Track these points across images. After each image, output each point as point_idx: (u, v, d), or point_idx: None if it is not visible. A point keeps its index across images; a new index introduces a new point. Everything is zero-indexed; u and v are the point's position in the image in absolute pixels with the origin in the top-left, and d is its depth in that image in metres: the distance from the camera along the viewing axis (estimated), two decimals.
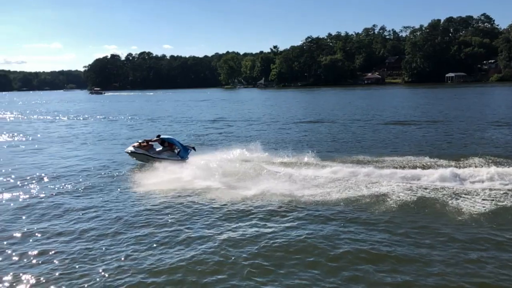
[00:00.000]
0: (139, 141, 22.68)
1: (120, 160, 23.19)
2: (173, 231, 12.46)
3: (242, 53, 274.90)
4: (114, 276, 9.74)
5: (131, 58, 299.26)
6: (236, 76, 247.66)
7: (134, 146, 22.17)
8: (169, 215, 13.91)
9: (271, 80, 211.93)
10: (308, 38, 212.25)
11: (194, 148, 22.69)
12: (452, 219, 12.69)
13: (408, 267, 9.80)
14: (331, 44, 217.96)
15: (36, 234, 12.58)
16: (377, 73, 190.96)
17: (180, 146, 22.10)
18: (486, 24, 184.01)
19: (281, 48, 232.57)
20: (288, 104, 77.86)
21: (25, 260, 10.81)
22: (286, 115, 51.28)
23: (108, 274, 9.83)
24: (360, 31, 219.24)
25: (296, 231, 12.12)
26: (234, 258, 10.50)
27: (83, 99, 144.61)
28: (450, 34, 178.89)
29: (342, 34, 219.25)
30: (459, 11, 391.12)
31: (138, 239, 11.90)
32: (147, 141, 22.24)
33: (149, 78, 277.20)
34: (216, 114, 56.98)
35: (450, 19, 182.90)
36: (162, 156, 21.61)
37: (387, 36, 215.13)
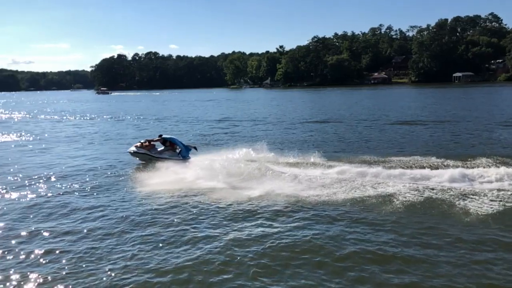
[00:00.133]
0: (141, 141, 22.82)
1: (127, 160, 23.27)
2: (179, 230, 12.48)
3: (248, 53, 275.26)
4: (121, 276, 9.78)
5: (137, 58, 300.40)
6: (242, 76, 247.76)
7: (136, 146, 22.34)
8: (174, 214, 13.93)
9: (277, 80, 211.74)
10: (314, 37, 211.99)
11: (195, 147, 22.78)
12: (459, 220, 12.59)
13: (415, 268, 9.73)
14: (337, 44, 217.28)
15: (43, 233, 12.66)
16: (383, 73, 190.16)
17: (181, 146, 22.21)
18: (494, 23, 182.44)
19: (287, 48, 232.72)
20: (294, 104, 77.77)
21: (32, 259, 10.89)
22: (292, 115, 51.21)
23: (114, 274, 9.86)
24: (366, 31, 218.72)
25: (302, 232, 12.09)
26: (240, 258, 10.49)
27: (90, 99, 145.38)
28: (458, 34, 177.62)
29: (349, 34, 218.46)
30: (467, 11, 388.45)
31: (144, 239, 11.93)
32: (149, 141, 22.39)
33: (155, 78, 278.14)
34: (222, 114, 57.03)
35: (457, 19, 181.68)
36: (163, 155, 21.75)
37: (394, 36, 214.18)
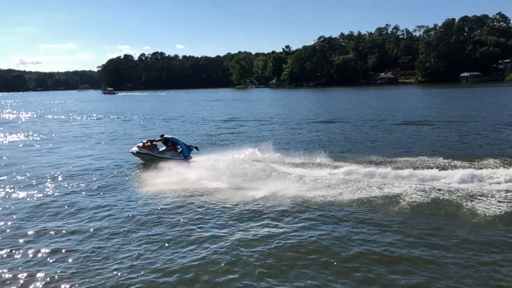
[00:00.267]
0: (143, 141, 23.02)
1: (133, 160, 23.34)
2: (184, 230, 12.51)
3: (254, 53, 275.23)
4: (127, 275, 9.81)
5: (144, 58, 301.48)
6: (248, 76, 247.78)
7: (138, 146, 22.57)
8: (180, 214, 13.96)
9: (283, 80, 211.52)
10: (320, 37, 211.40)
11: (196, 147, 22.93)
12: (466, 221, 12.50)
13: (422, 269, 9.67)
14: (343, 43, 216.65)
15: (50, 232, 12.74)
16: (390, 73, 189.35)
17: (183, 145, 22.35)
18: (501, 23, 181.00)
19: (293, 48, 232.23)
20: (300, 104, 77.67)
21: (39, 258, 10.96)
22: (298, 115, 51.14)
23: (120, 273, 9.90)
24: (373, 31, 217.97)
25: (308, 232, 12.07)
26: (245, 258, 10.49)
27: (97, 99, 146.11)
28: (465, 34, 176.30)
29: (355, 34, 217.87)
30: (474, 10, 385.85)
31: (150, 238, 11.97)
32: (151, 141, 22.62)
33: (161, 78, 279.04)
34: (228, 114, 57.07)
35: (465, 18, 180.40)
36: (165, 155, 21.93)
37: (401, 36, 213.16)
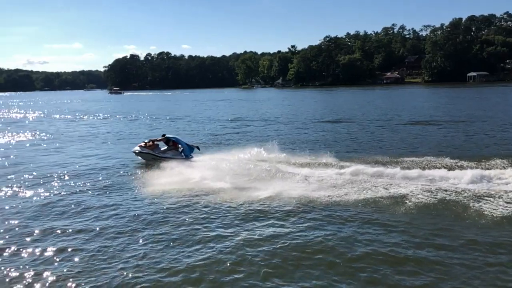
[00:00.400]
0: (145, 140, 23.21)
1: (139, 159, 23.40)
2: (190, 230, 12.53)
3: (259, 52, 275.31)
4: (133, 274, 9.84)
5: (150, 58, 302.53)
6: (254, 75, 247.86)
7: (140, 146, 22.76)
8: (186, 214, 13.98)
9: (289, 80, 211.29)
10: (326, 37, 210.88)
11: (198, 147, 23.07)
12: (473, 222, 12.40)
13: (428, 270, 9.61)
14: (349, 43, 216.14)
15: (56, 231, 12.82)
16: (396, 72, 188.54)
17: (184, 145, 22.48)
18: (509, 22, 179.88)
19: (299, 47, 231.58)
20: (306, 103, 77.55)
21: (46, 257, 11.02)
22: (304, 115, 51.06)
23: (126, 272, 9.93)
24: (379, 31, 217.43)
25: (313, 232, 12.04)
26: (251, 258, 10.48)
27: (103, 99, 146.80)
28: (472, 33, 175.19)
29: (361, 34, 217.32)
30: (481, 10, 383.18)
31: (156, 238, 12.00)
32: (153, 140, 22.81)
33: (167, 78, 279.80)
34: (233, 114, 57.11)
35: (472, 18, 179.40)
36: (167, 155, 22.10)
37: (407, 36, 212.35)
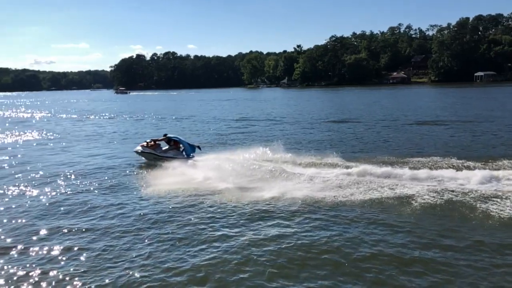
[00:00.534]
0: (147, 140, 23.51)
1: (144, 159, 23.49)
2: (195, 230, 12.54)
3: (265, 52, 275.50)
4: (138, 274, 9.87)
5: (156, 58, 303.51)
6: (259, 75, 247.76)
7: (142, 146, 23.05)
8: (191, 214, 14.00)
9: (295, 80, 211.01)
10: (332, 37, 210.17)
11: (199, 147, 23.23)
12: (480, 223, 12.30)
13: (434, 272, 9.56)
14: (355, 43, 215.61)
15: (63, 230, 12.88)
16: (402, 72, 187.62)
17: (185, 145, 22.67)
18: None
19: (304, 47, 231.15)
20: (312, 103, 77.40)
21: (52, 256, 11.08)
22: (310, 115, 50.96)
23: (132, 272, 9.97)
24: (385, 30, 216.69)
25: (319, 232, 12.01)
26: (256, 258, 10.47)
27: (109, 99, 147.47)
28: (479, 33, 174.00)
29: (367, 33, 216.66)
30: (489, 9, 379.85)
31: (161, 237, 12.03)
32: (154, 140, 23.06)
33: (173, 78, 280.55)
34: (239, 114, 57.14)
35: (479, 17, 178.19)
36: (168, 154, 22.33)
37: (413, 35, 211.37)
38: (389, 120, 41.60)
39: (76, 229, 12.96)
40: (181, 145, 22.78)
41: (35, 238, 12.37)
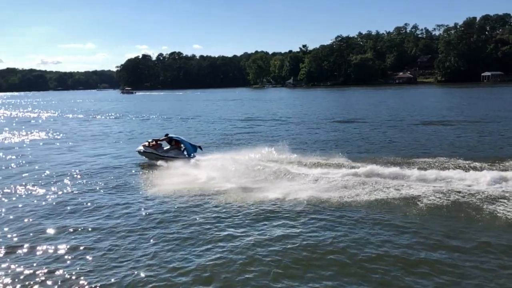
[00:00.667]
0: (149, 140, 23.82)
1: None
2: (201, 229, 12.56)
3: (271, 52, 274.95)
4: (143, 273, 9.90)
5: (162, 58, 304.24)
6: (265, 75, 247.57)
7: (144, 146, 23.35)
8: (196, 214, 14.02)
9: (300, 80, 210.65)
10: (338, 37, 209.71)
11: (200, 147, 23.37)
12: (487, 224, 12.21)
13: (441, 273, 9.49)
14: (361, 43, 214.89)
15: (69, 229, 12.95)
16: (408, 72, 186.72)
17: (187, 145, 22.86)
18: None
19: (310, 47, 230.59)
20: (317, 103, 77.24)
21: (58, 255, 11.14)
22: (315, 115, 50.86)
23: (137, 271, 9.99)
24: (391, 30, 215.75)
25: (324, 233, 11.98)
26: (261, 259, 10.46)
27: (115, 99, 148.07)
28: (487, 32, 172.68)
29: (373, 33, 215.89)
30: (496, 9, 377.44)
31: (167, 237, 12.06)
32: (156, 140, 23.36)
33: (179, 78, 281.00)
34: (244, 114, 57.16)
35: (486, 17, 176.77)
36: (169, 154, 22.58)
37: (420, 35, 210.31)
38: (395, 120, 41.42)
39: (82, 228, 13.02)
40: (182, 144, 22.98)
41: (41, 237, 12.45)
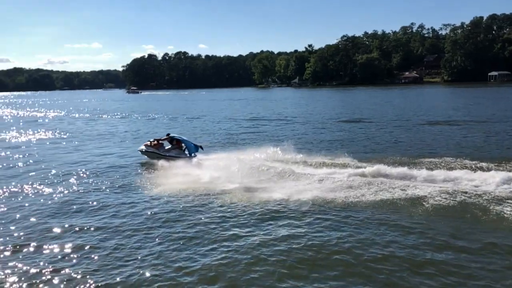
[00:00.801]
0: (150, 140, 24.10)
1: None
2: (206, 229, 12.57)
3: (276, 52, 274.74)
4: (149, 272, 9.93)
5: (167, 58, 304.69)
6: (270, 75, 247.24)
7: (146, 145, 23.63)
8: (201, 213, 14.04)
9: (306, 79, 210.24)
10: (343, 36, 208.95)
11: (201, 147, 23.43)
12: (494, 225, 12.13)
13: (447, 274, 9.43)
14: (367, 42, 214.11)
15: (75, 228, 13.02)
16: (415, 72, 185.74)
17: (188, 144, 23.00)
18: None
19: (316, 47, 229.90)
20: (323, 103, 77.08)
21: (64, 254, 11.21)
22: (321, 115, 50.75)
23: (142, 271, 10.02)
24: (397, 30, 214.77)
25: (329, 233, 11.95)
26: (266, 259, 10.46)
27: (121, 98, 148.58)
28: (494, 32, 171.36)
29: (379, 33, 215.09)
30: (503, 8, 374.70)
31: (172, 236, 12.09)
32: (157, 140, 23.64)
33: (184, 77, 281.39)
34: (250, 113, 57.17)
35: (493, 17, 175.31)
36: (170, 153, 22.79)
37: (426, 35, 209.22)
38: (401, 120, 41.24)
39: (88, 227, 13.09)
40: (183, 144, 23.15)
41: (47, 236, 12.52)
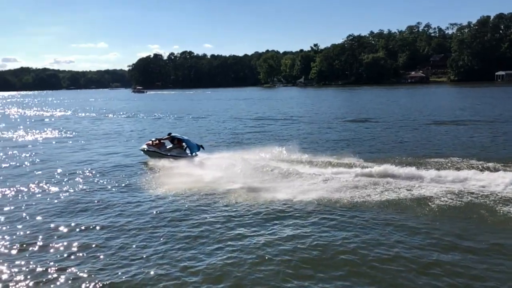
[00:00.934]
0: (152, 139, 24.35)
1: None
2: (210, 229, 12.57)
3: (281, 51, 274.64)
4: (154, 272, 9.94)
5: (173, 58, 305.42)
6: (276, 74, 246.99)
7: (147, 144, 23.79)
8: (206, 213, 14.04)
9: (311, 79, 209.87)
10: (349, 36, 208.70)
11: (202, 147, 23.51)
12: (501, 226, 12.03)
13: (453, 275, 9.37)
14: (373, 42, 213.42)
15: (80, 227, 13.08)
16: (421, 71, 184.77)
17: (190, 144, 23.12)
18: None
19: (321, 46, 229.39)
20: (329, 103, 76.90)
21: (70, 253, 11.25)
22: (326, 114, 50.64)
23: (147, 270, 10.04)
24: (403, 29, 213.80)
25: (334, 233, 11.91)
26: (271, 258, 10.44)
27: (127, 98, 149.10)
28: (501, 31, 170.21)
29: (385, 32, 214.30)
30: (511, 7, 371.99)
31: (177, 236, 12.10)
32: (159, 139, 23.82)
33: (190, 77, 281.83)
34: (255, 113, 57.15)
35: (500, 16, 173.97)
36: (172, 153, 22.96)
37: (432, 34, 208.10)
38: (407, 120, 41.05)
39: (94, 226, 13.14)
40: (184, 143, 23.26)
41: (53, 234, 12.59)
